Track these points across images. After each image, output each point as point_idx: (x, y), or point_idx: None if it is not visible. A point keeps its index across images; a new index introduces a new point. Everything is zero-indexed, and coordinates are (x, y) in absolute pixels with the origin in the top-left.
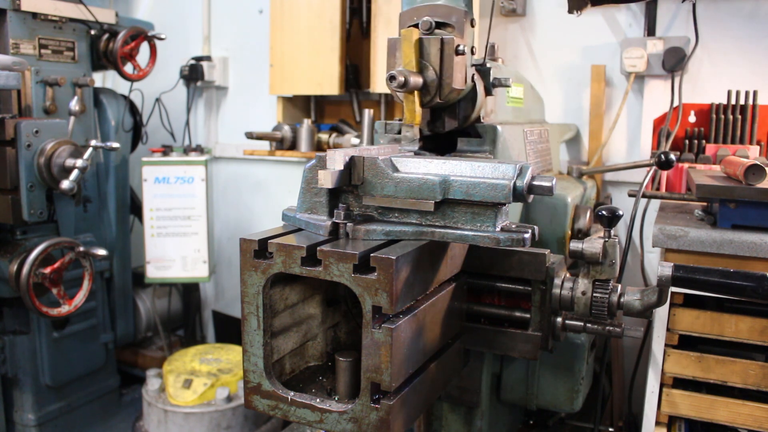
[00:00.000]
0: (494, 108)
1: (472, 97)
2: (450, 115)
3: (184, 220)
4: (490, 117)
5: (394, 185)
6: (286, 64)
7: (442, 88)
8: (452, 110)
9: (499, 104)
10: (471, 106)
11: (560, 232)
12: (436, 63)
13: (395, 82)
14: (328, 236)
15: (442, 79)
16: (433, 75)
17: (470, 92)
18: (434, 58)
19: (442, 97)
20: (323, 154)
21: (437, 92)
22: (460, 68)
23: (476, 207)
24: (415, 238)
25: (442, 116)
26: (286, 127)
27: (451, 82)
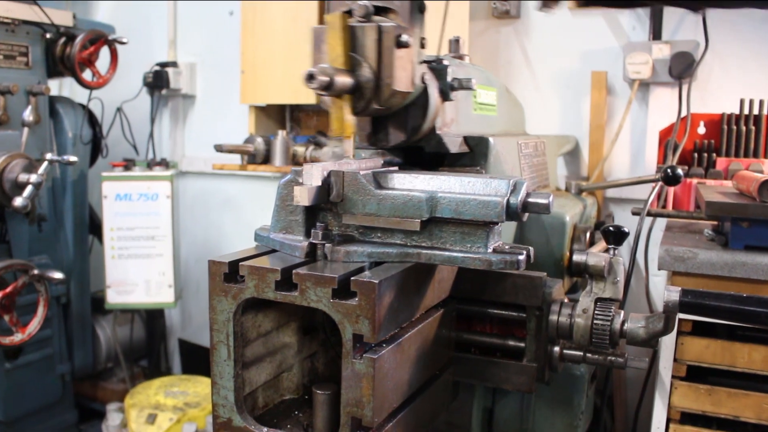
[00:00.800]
0: (455, 116)
1: (423, 103)
2: (396, 126)
3: (148, 241)
4: (450, 127)
5: (376, 203)
6: (258, 71)
7: (381, 90)
8: (399, 119)
9: (463, 112)
10: (421, 113)
11: (558, 254)
12: (373, 58)
13: (315, 83)
14: (304, 258)
15: (381, 78)
16: (368, 73)
17: (420, 97)
18: (370, 52)
19: (381, 101)
20: (299, 168)
21: (374, 96)
22: (404, 65)
23: (466, 226)
24: (400, 260)
25: (386, 127)
26: (258, 140)
27: (392, 82)
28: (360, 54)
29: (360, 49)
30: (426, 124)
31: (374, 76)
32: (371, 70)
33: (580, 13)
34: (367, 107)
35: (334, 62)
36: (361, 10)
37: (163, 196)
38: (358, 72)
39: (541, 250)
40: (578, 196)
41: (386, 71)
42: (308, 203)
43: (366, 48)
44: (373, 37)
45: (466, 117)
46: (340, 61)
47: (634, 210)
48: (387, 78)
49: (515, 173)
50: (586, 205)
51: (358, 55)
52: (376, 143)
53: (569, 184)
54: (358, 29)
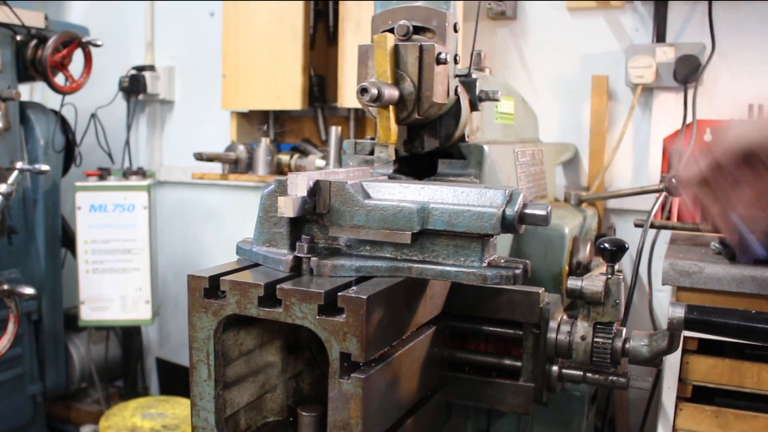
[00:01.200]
0: (481, 125)
1: (456, 113)
2: (430, 134)
3: (124, 254)
4: (476, 135)
5: (365, 214)
6: (240, 75)
7: (421, 102)
8: (432, 128)
9: (487, 121)
10: (454, 122)
11: (556, 268)
12: (414, 73)
13: (367, 96)
14: (289, 272)
15: (421, 91)
16: (410, 87)
17: (453, 107)
18: (412, 68)
19: (421, 112)
20: (283, 177)
21: (415, 107)
22: (441, 79)
23: (459, 239)
24: (390, 274)
25: (420, 134)
26: (240, 147)
27: (432, 95)
28: (403, 70)
29: (403, 65)
30: (457, 132)
31: (415, 89)
32: (413, 84)
33: (579, 14)
34: (409, 117)
35: (381, 77)
36: (402, 29)
37: (140, 207)
38: (402, 86)
39: (539, 264)
40: (578, 207)
41: (426, 85)
42: (293, 215)
43: (409, 65)
44: (415, 54)
45: (489, 125)
46: (386, 76)
47: (636, 222)
48: (427, 91)
49: (511, 183)
50: (586, 216)
51: (401, 71)
52: (411, 149)
53: (568, 195)
54: (402, 48)
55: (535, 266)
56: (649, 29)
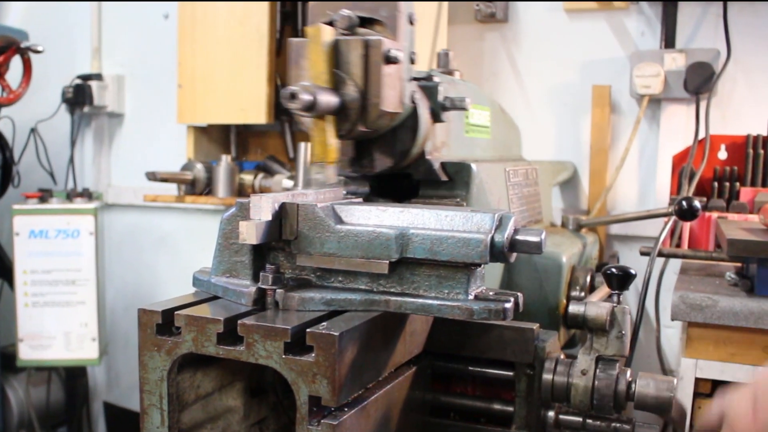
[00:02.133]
0: (447, 139)
1: (412, 125)
2: (381, 150)
3: (68, 286)
4: (441, 152)
5: (337, 240)
6: (198, 85)
7: (368, 110)
8: (385, 143)
9: (455, 134)
10: (411, 136)
11: (553, 301)
12: (359, 75)
13: (297, 103)
14: (252, 306)
15: (367, 98)
16: (353, 92)
17: (409, 118)
18: (356, 68)
19: (367, 123)
20: (245, 200)
21: (360, 117)
22: (392, 83)
23: (443, 269)
24: (365, 308)
25: (370, 151)
26: (198, 166)
27: (380, 102)
28: (344, 71)
29: (344, 65)
30: (415, 148)
31: (360, 95)
32: (357, 88)
33: (578, 16)
34: (352, 129)
35: (316, 79)
36: (344, 21)
37: (86, 232)
38: (343, 91)
39: (533, 297)
40: (577, 233)
41: (373, 90)
42: (256, 241)
43: (351, 64)
44: (359, 51)
45: (457, 140)
46: (322, 79)
47: (642, 249)
48: (374, 97)
49: (502, 205)
50: (585, 243)
51: (342, 72)
52: (359, 169)
53: (566, 219)
54: (342, 43)
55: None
56: (657, 33)
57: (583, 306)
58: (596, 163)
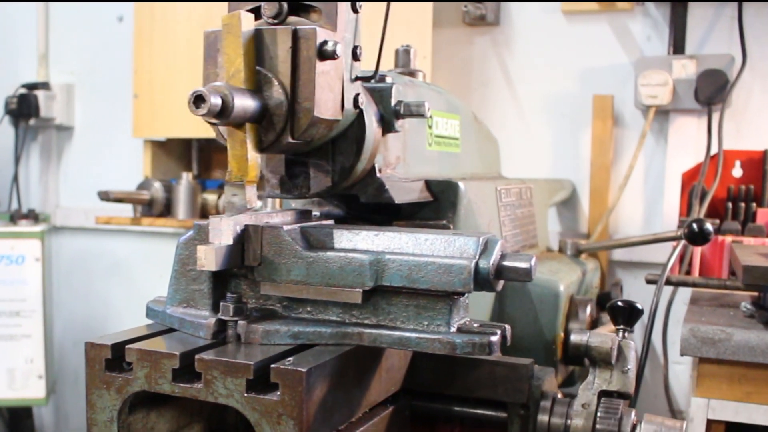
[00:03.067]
0: (403, 154)
1: (357, 136)
2: (318, 167)
3: (12, 318)
4: (396, 169)
5: (305, 267)
6: (157, 95)
7: (297, 117)
8: (321, 157)
9: (414, 147)
10: (354, 149)
11: (549, 335)
12: (286, 74)
13: (204, 108)
14: (211, 340)
15: (297, 101)
16: (280, 95)
17: (353, 127)
18: (283, 66)
19: (296, 133)
20: (204, 222)
21: (287, 125)
22: (329, 83)
23: (422, 298)
24: (336, 341)
25: (305, 168)
26: (156, 185)
27: (313, 106)
28: (268, 68)
29: (268, 61)
30: (361, 163)
31: (287, 98)
32: (283, 90)
33: (578, 18)
34: (278, 141)
35: (233, 79)
36: (271, 8)
37: (32, 258)
38: (266, 93)
39: (528, 330)
40: (576, 259)
41: (304, 91)
42: (215, 268)
43: (277, 60)
44: (287, 44)
45: (417, 154)
46: (239, 78)
47: (649, 277)
48: (305, 100)
49: (493, 228)
50: (585, 270)
51: (265, 70)
52: (291, 190)
53: (564, 243)
54: (266, 34)
55: (522, 332)
56: (665, 38)
57: (587, 335)
58: (597, 181)
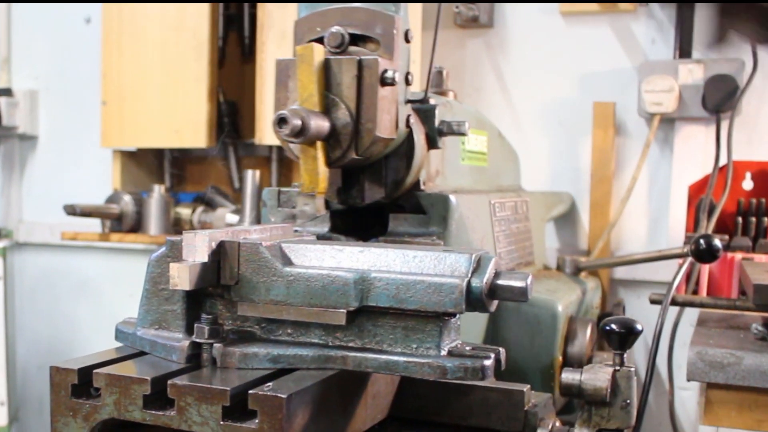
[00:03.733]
0: (442, 168)
1: (407, 152)
2: (373, 180)
3: None
4: (436, 182)
5: (285, 286)
6: (126, 102)
7: (361, 136)
8: (376, 172)
9: (451, 162)
10: (405, 164)
11: (546, 359)
12: (351, 98)
13: (287, 128)
14: (185, 364)
15: (361, 123)
16: (345, 117)
17: (404, 144)
18: (348, 91)
19: (360, 150)
20: (177, 238)
21: (352, 143)
22: (388, 106)
23: (410, 319)
24: (318, 366)
25: (360, 181)
26: (126, 198)
27: (374, 127)
28: (336, 93)
29: (336, 87)
30: (410, 177)
31: (352, 119)
32: (349, 112)
33: (577, 20)
34: (344, 157)
35: (306, 103)
36: (335, 38)
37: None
38: (334, 115)
39: (524, 354)
40: (575, 278)
41: (367, 114)
42: (189, 287)
43: (343, 86)
44: (353, 72)
45: (453, 168)
46: (312, 102)
47: (653, 297)
48: (368, 122)
49: (487, 244)
50: (585, 289)
51: (333, 95)
52: (348, 200)
53: (562, 261)
54: (334, 63)
55: (518, 356)
56: (670, 41)
57: (579, 374)
58: (598, 194)
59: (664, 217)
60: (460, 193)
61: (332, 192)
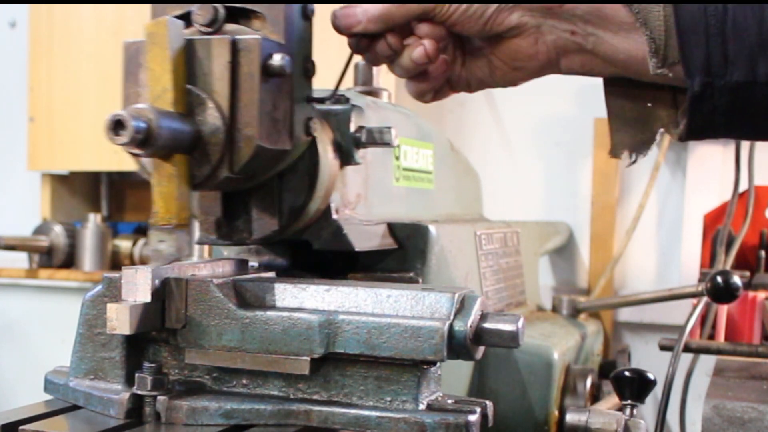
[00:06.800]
0: (365, 192)
1: (309, 169)
2: (263, 207)
3: None
4: (356, 209)
5: (239, 330)
6: (57, 118)
7: (237, 147)
8: (269, 196)
9: (378, 183)
10: (307, 186)
11: (540, 413)
12: (224, 94)
13: (125, 135)
14: (124, 419)
15: (237, 128)
16: (215, 120)
17: (305, 159)
18: (219, 84)
19: (236, 166)
20: (115, 274)
21: (225, 157)
22: (276, 105)
23: (384, 368)
24: (277, 422)
25: (247, 208)
26: (57, 229)
27: (256, 133)
28: (202, 87)
29: (202, 78)
30: (314, 203)
31: (225, 123)
32: (220, 113)
33: None
34: (214, 175)
35: (159, 100)
36: (205, 14)
37: None
38: (199, 117)
39: (514, 407)
40: (573, 320)
41: (246, 115)
42: (130, 331)
43: (212, 77)
44: (225, 58)
45: (382, 191)
46: (167, 99)
47: (663, 343)
48: (247, 127)
49: (472, 282)
50: (585, 334)
51: (198, 89)
52: (229, 235)
53: (559, 301)
54: (199, 45)
55: (508, 410)
56: None
57: (585, 414)
58: (600, 224)
59: (676, 251)
60: (444, 223)
61: (209, 225)
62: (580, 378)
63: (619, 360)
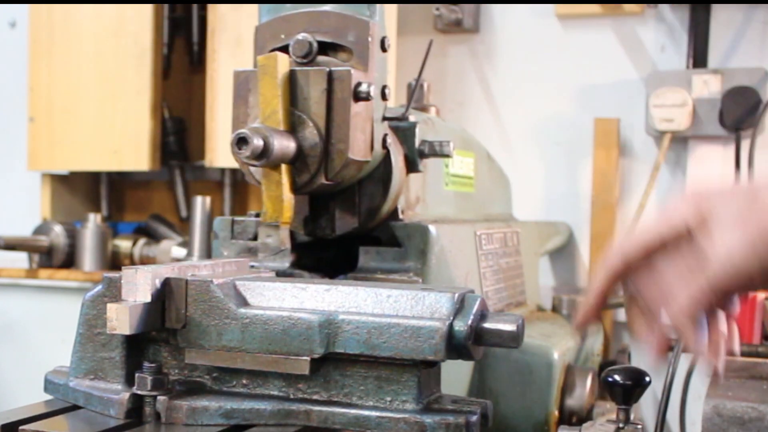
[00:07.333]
0: (422, 194)
1: (384, 176)
2: (344, 208)
3: None
4: (416, 210)
5: (240, 330)
6: (57, 118)
7: (331, 158)
8: (348, 198)
9: (432, 188)
10: (381, 191)
11: (540, 413)
12: (321, 115)
13: (247, 149)
14: (124, 419)
15: (331, 143)
16: (314, 136)
17: (380, 167)
18: (317, 107)
19: (330, 174)
20: (115, 275)
21: (321, 166)
22: (362, 124)
23: (384, 368)
24: (277, 422)
25: (330, 209)
26: (57, 229)
27: (347, 148)
28: (303, 109)
29: (303, 102)
30: (386, 205)
31: (322, 139)
32: (318, 131)
33: (576, 24)
34: (312, 182)
35: (268, 120)
36: (302, 47)
37: None
38: (301, 134)
39: (515, 407)
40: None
41: (339, 133)
42: (130, 331)
43: (311, 101)
44: (322, 85)
45: (435, 195)
46: (276, 119)
47: None
48: (340, 142)
49: (472, 282)
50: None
51: (300, 111)
52: (316, 231)
53: (559, 301)
54: (301, 75)
55: (508, 410)
56: (683, 48)
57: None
58: (600, 224)
59: None
60: (442, 222)
61: (298, 222)
62: (580, 378)
63: (619, 360)
